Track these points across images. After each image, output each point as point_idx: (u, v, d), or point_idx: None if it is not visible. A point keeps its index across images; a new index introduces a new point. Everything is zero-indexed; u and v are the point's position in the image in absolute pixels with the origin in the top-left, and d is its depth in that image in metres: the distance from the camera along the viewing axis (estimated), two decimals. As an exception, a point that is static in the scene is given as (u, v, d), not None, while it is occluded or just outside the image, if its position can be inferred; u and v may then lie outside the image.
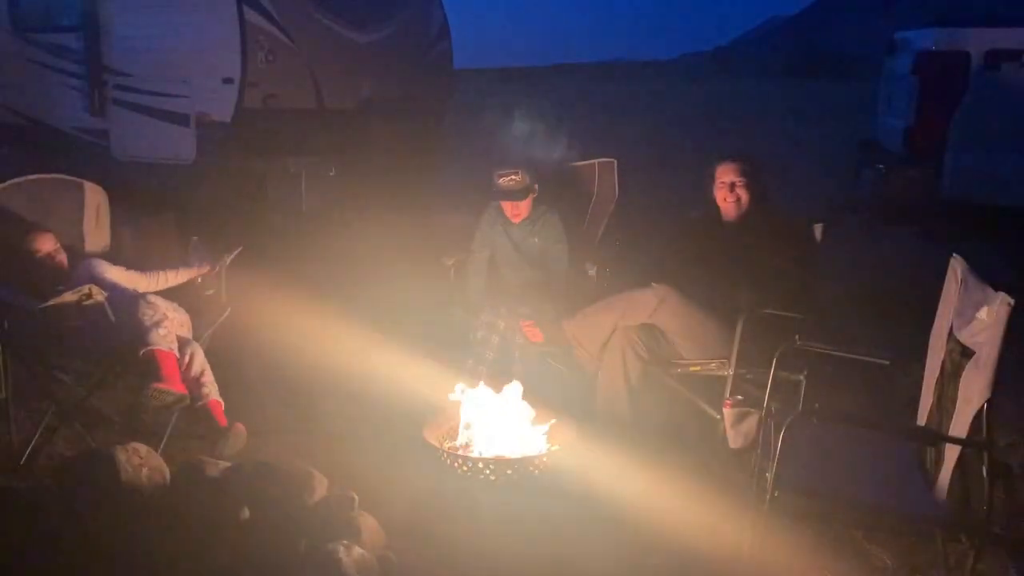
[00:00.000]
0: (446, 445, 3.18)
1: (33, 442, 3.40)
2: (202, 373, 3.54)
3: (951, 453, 2.39)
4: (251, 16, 6.59)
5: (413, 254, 5.32)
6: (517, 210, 4.09)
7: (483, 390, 3.24)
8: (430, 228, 6.80)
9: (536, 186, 4.07)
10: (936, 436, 2.56)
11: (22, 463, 3.35)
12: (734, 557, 2.62)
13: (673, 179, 9.16)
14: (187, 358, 3.49)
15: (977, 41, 8.34)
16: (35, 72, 7.68)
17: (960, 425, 2.36)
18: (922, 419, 2.72)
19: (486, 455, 3.10)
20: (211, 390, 3.52)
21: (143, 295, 3.58)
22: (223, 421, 3.52)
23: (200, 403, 3.49)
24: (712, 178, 3.68)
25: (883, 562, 2.76)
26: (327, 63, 7.12)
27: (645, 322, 3.50)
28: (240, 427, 3.52)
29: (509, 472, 3.00)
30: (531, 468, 3.03)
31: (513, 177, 4.01)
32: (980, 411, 2.27)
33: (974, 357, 2.37)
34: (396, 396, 3.68)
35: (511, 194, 4.04)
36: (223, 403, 3.56)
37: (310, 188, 7.01)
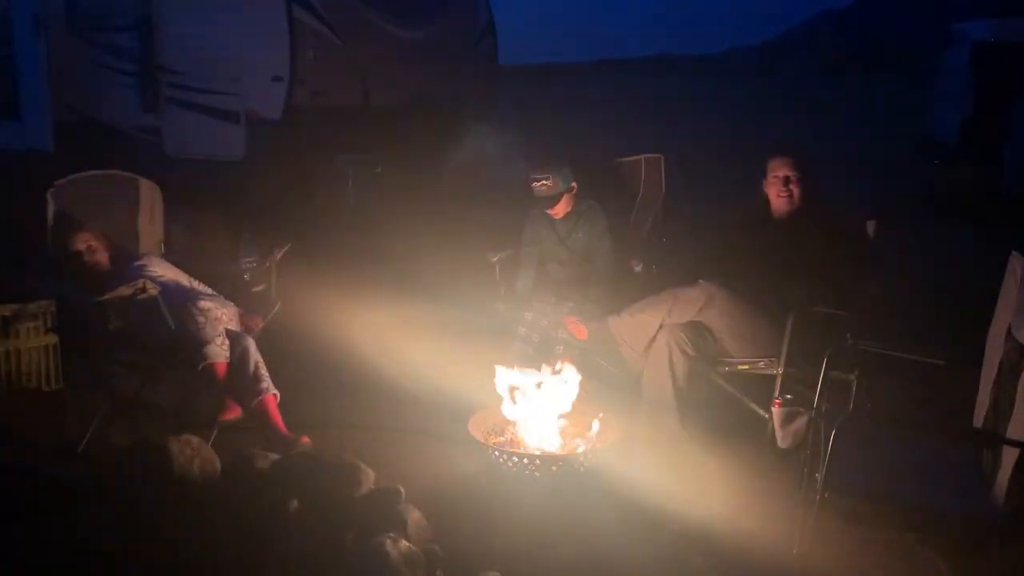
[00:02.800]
0: (491, 440, 3.19)
1: (89, 432, 3.49)
2: (257, 367, 3.53)
3: (1009, 456, 2.34)
4: (300, 14, 6.68)
5: (458, 251, 5.34)
6: (554, 209, 4.09)
7: (530, 382, 3.24)
8: (475, 225, 6.81)
9: (573, 185, 4.06)
10: (994, 438, 2.50)
11: (79, 452, 3.44)
12: (782, 559, 2.59)
13: (720, 175, 9.07)
14: (238, 353, 3.53)
15: (1037, 32, 8.09)
16: (91, 71, 7.88)
17: (1018, 427, 2.31)
18: (978, 421, 2.66)
19: (531, 451, 3.10)
20: (267, 384, 3.50)
21: (195, 297, 3.62)
22: (282, 425, 3.45)
23: (258, 399, 3.46)
24: (764, 172, 3.63)
25: (936, 567, 2.69)
26: (374, 60, 7.18)
27: (692, 320, 3.47)
28: (307, 441, 3.40)
29: (554, 468, 3.00)
30: (576, 465, 3.02)
31: (545, 183, 4.02)
32: (1040, 413, 2.21)
33: (1034, 358, 2.31)
34: (442, 391, 3.70)
35: (541, 200, 4.06)
36: (279, 395, 3.52)
37: (357, 185, 7.08)
